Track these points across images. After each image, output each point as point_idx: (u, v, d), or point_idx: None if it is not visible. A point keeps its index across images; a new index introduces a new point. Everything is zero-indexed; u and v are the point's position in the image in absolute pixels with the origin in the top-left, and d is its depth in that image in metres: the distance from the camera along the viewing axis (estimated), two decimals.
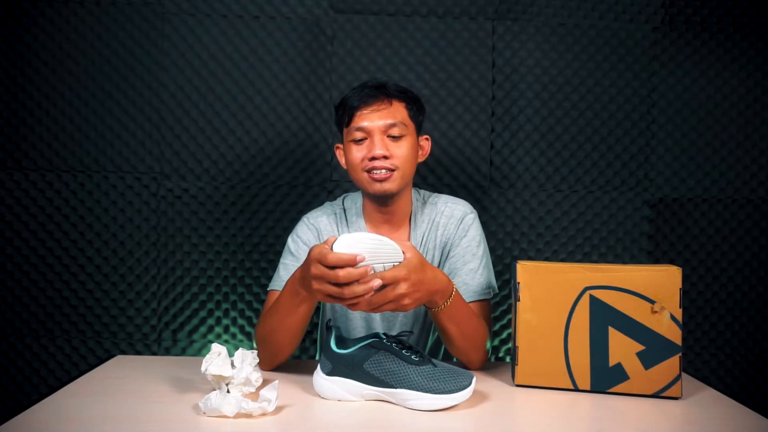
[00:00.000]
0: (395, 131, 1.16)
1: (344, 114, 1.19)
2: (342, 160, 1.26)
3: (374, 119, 1.15)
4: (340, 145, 1.26)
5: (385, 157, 1.15)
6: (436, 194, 1.32)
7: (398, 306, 0.92)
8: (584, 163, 1.67)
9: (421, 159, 1.25)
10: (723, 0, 1.66)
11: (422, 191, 1.33)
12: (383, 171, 1.15)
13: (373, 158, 1.14)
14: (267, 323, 1.07)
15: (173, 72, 1.62)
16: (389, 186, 1.16)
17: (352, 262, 0.86)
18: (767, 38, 1.67)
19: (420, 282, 0.93)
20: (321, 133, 1.65)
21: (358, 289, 0.87)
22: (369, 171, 1.16)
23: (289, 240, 1.25)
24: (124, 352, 1.64)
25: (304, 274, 0.93)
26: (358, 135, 1.16)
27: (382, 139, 1.16)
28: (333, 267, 0.87)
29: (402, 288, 0.91)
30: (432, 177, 1.66)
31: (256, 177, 1.64)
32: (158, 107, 1.62)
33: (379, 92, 1.17)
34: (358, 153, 1.17)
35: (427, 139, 1.28)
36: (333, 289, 0.88)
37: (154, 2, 1.61)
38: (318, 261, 0.88)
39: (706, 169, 1.68)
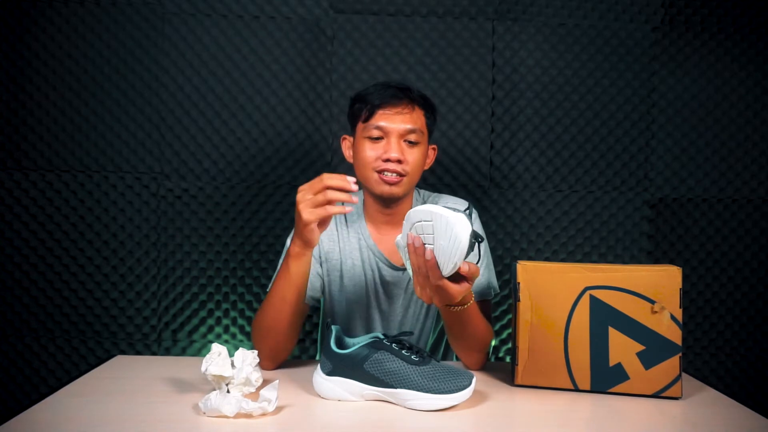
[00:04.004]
0: (413, 137, 1.16)
1: (363, 109, 1.17)
2: (347, 153, 1.25)
3: (396, 121, 1.15)
4: (348, 137, 1.25)
5: (399, 161, 1.14)
6: (436, 194, 1.32)
7: (467, 289, 0.92)
8: (584, 163, 1.67)
9: (426, 166, 1.25)
10: (723, 0, 1.66)
11: (423, 191, 1.33)
12: (394, 175, 1.15)
13: (387, 160, 1.14)
14: (265, 307, 1.08)
15: (173, 72, 1.62)
16: (397, 190, 1.17)
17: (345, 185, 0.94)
18: (767, 38, 1.67)
19: None
20: (321, 133, 1.65)
21: (333, 181, 0.93)
22: (380, 171, 1.15)
23: (288, 240, 1.25)
24: (124, 352, 1.64)
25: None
26: (376, 133, 1.16)
27: (399, 142, 1.15)
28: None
29: (477, 272, 0.92)
30: (432, 177, 1.66)
31: (256, 177, 1.64)
32: (158, 107, 1.62)
33: (403, 95, 1.16)
34: (371, 151, 1.16)
35: (433, 148, 1.28)
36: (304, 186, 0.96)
37: (154, 2, 1.61)
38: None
39: (706, 169, 1.68)
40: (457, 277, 0.90)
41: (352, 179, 0.94)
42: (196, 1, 1.61)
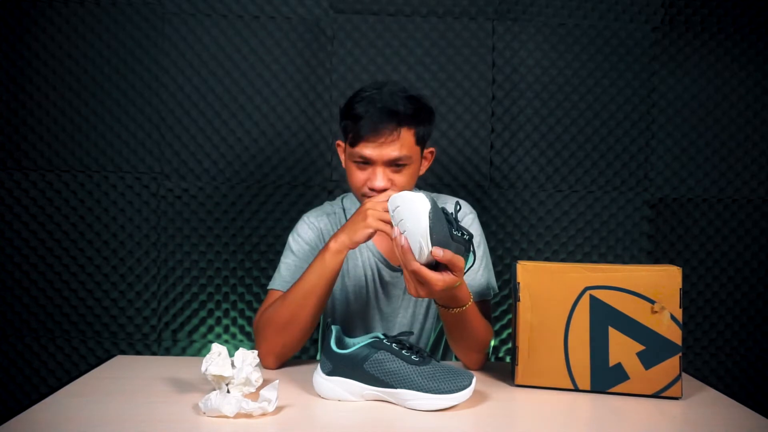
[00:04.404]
0: (399, 162, 1.14)
1: (349, 131, 1.15)
2: (342, 157, 1.25)
3: (380, 150, 1.11)
4: (342, 144, 1.25)
5: (385, 190, 1.13)
6: (435, 194, 1.32)
7: (451, 281, 0.91)
8: (584, 163, 1.67)
9: (421, 172, 1.23)
10: (723, 0, 1.66)
11: (421, 192, 1.33)
12: None
13: (373, 188, 1.13)
14: (285, 302, 1.08)
15: (173, 72, 1.62)
16: None
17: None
18: (767, 38, 1.67)
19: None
20: (321, 133, 1.65)
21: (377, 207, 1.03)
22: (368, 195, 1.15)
23: (290, 239, 1.25)
24: (124, 352, 1.64)
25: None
26: (361, 160, 1.14)
27: (384, 171, 1.12)
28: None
29: (461, 263, 0.91)
30: (432, 177, 1.66)
31: (256, 177, 1.64)
32: (158, 107, 1.62)
33: (391, 120, 1.11)
34: (359, 175, 1.15)
35: (431, 152, 1.25)
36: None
37: (154, 2, 1.61)
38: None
39: (706, 169, 1.69)
40: (439, 267, 0.90)
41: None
42: (196, 1, 1.61)
